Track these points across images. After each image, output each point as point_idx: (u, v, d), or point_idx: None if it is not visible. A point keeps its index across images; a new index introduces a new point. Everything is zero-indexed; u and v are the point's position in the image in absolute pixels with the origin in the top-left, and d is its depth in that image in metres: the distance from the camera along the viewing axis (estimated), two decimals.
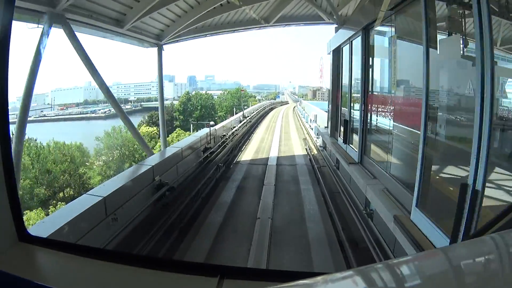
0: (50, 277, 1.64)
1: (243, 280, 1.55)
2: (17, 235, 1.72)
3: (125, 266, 1.64)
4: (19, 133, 7.50)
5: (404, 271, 0.91)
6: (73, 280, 1.59)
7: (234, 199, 9.26)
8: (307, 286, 0.86)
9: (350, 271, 1.22)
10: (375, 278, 0.86)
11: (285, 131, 25.74)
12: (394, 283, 0.85)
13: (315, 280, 0.90)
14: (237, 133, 18.07)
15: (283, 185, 10.57)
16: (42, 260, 1.75)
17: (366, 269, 0.92)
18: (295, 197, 9.46)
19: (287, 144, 19.19)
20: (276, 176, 11.60)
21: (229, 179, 11.30)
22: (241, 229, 7.23)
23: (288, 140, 20.51)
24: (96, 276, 1.61)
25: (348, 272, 1.05)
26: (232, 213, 8.23)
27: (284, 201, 9.05)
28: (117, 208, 5.59)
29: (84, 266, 1.65)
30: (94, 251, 1.86)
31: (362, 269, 0.92)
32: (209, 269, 1.61)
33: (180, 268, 1.63)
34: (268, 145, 18.42)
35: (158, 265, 1.64)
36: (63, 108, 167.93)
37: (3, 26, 1.61)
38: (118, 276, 1.61)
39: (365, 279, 0.87)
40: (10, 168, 1.70)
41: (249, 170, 12.63)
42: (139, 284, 1.55)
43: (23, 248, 1.70)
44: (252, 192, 9.88)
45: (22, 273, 1.45)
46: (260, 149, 17.35)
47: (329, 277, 0.90)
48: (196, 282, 1.50)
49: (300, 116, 38.04)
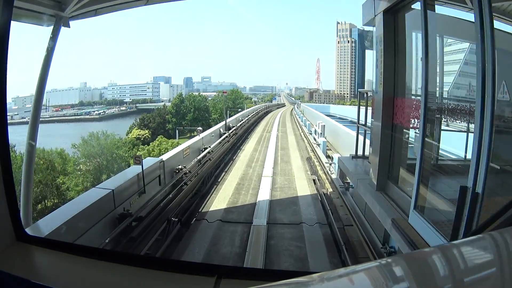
0: (48, 276, 1.64)
1: (240, 279, 1.56)
2: (15, 235, 1.74)
3: (123, 266, 1.66)
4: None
5: (401, 269, 0.91)
6: (71, 279, 1.60)
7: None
8: (303, 283, 0.87)
9: (346, 268, 1.47)
10: (371, 275, 0.87)
11: (282, 145, 19.98)
12: (391, 280, 0.84)
13: (311, 278, 0.91)
14: (210, 158, 12.52)
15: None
16: (39, 260, 1.77)
17: (363, 266, 1.02)
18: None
19: (286, 170, 13.62)
20: (265, 257, 6.22)
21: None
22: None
23: (287, 163, 14.88)
24: (94, 275, 1.63)
25: (344, 270, 1.06)
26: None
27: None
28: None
29: (82, 265, 1.66)
30: (91, 251, 1.95)
31: (359, 267, 1.06)
32: (206, 269, 1.64)
33: (178, 268, 1.66)
34: (257, 173, 12.89)
35: (156, 265, 1.65)
36: (58, 109, 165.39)
37: (2, 27, 1.63)
38: (115, 276, 1.63)
39: (361, 277, 0.88)
40: (8, 169, 1.74)
41: (217, 239, 7.10)
42: (136, 284, 1.56)
43: (21, 248, 1.72)
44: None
45: (20, 273, 1.52)
46: (245, 181, 11.81)
47: (326, 275, 0.91)
48: (193, 281, 1.54)
49: (299, 122, 32.29)
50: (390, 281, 0.84)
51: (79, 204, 5.12)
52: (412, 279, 0.85)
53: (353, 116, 47.36)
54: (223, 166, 13.91)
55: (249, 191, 10.67)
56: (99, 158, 43.30)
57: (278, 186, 11.28)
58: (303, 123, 27.84)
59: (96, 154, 43.62)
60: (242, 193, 10.43)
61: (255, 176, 12.44)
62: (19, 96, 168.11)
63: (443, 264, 0.92)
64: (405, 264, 0.93)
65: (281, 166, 14.26)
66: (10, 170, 1.75)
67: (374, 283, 0.84)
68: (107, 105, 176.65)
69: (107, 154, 43.64)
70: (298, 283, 0.89)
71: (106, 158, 43.07)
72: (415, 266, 0.93)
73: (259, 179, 11.97)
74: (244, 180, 11.89)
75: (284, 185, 11.38)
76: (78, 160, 43.07)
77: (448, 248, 1.12)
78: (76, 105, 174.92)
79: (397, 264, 0.95)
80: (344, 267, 1.95)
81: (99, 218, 5.42)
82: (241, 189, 10.89)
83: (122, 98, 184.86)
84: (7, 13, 1.62)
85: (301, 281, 0.91)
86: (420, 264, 0.93)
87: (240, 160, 15.24)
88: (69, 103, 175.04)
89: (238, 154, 16.60)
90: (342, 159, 8.53)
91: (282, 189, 10.90)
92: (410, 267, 0.91)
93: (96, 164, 42.84)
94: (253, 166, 14.03)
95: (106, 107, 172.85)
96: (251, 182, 11.72)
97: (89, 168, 41.76)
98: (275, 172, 13.06)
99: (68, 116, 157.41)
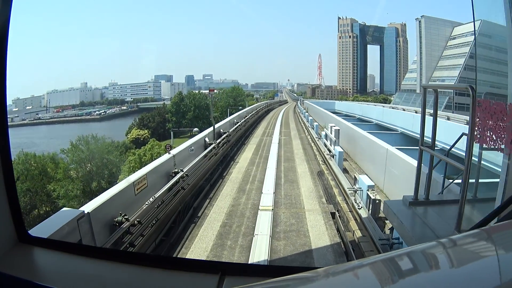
0: (52, 277, 1.60)
1: (244, 276, 1.52)
2: (17, 236, 1.72)
3: (127, 265, 1.63)
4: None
5: (406, 263, 0.89)
6: (75, 280, 1.56)
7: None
8: (309, 279, 0.87)
9: (351, 263, 1.37)
10: (376, 269, 0.87)
11: (286, 155, 16.15)
12: (396, 274, 0.84)
13: (316, 273, 0.91)
14: (182, 186, 8.83)
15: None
16: (42, 261, 1.73)
17: (368, 261, 1.02)
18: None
19: (292, 196, 10.00)
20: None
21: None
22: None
23: (293, 185, 11.18)
24: (98, 275, 1.59)
25: (349, 265, 1.10)
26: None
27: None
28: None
29: (85, 265, 1.64)
30: (95, 251, 1.96)
31: (364, 261, 1.05)
32: (210, 266, 1.58)
33: (182, 266, 1.64)
34: (253, 203, 9.31)
35: (159, 263, 1.63)
36: (59, 110, 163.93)
37: (1, 26, 1.60)
38: (120, 275, 1.59)
39: (366, 271, 0.88)
40: (9, 170, 1.71)
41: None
42: (141, 283, 1.51)
43: (23, 249, 1.70)
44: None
45: (23, 275, 1.47)
46: (234, 219, 8.24)
47: (331, 270, 0.92)
48: (197, 279, 1.50)
49: (304, 122, 28.44)
50: (396, 275, 0.83)
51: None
52: (418, 273, 0.83)
53: (360, 113, 43.81)
54: (206, 190, 10.38)
55: (238, 240, 7.14)
56: (89, 164, 40.00)
57: (281, 228, 7.68)
58: (309, 124, 24.01)
59: (86, 159, 40.38)
60: (227, 245, 6.90)
61: (250, 208, 8.88)
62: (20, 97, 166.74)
63: (449, 257, 0.91)
64: (410, 258, 0.91)
65: (286, 189, 10.63)
66: (11, 171, 1.73)
67: (379, 277, 0.83)
68: (108, 104, 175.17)
69: (97, 159, 40.26)
70: (303, 278, 0.88)
71: (96, 164, 39.64)
72: (421, 260, 0.92)
73: (254, 215, 8.41)
74: (233, 218, 8.33)
75: (290, 226, 7.79)
76: (68, 166, 39.84)
77: (454, 241, 1.06)
78: (77, 106, 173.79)
79: (402, 258, 0.93)
80: (349, 262, 1.91)
81: None
82: (227, 235, 7.35)
83: (123, 97, 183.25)
84: (5, 13, 1.60)
85: (306, 276, 0.90)
86: (426, 258, 0.92)
87: (231, 180, 11.61)
88: (70, 103, 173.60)
89: (229, 171, 12.95)
90: (391, 206, 4.94)
91: (287, 235, 7.33)
92: (416, 261, 0.90)
93: (86, 170, 39.57)
94: (248, 191, 10.40)
95: (107, 107, 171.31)
96: (243, 220, 8.16)
97: (78, 175, 38.55)
98: (277, 201, 9.45)
99: (69, 117, 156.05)
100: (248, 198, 9.74)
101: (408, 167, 8.38)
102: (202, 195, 9.88)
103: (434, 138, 4.61)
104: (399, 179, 9.17)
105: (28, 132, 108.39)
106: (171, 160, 8.88)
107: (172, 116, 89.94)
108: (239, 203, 9.31)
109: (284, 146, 18.83)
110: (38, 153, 44.52)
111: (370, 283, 0.81)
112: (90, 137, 42.32)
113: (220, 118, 62.31)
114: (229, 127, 18.70)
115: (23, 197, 33.46)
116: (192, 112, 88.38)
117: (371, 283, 0.81)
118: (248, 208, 8.93)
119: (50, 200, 36.52)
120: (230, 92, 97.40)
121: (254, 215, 8.42)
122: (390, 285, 0.80)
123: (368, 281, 0.82)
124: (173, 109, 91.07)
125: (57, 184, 35.90)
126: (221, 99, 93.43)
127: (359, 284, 0.82)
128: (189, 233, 7.58)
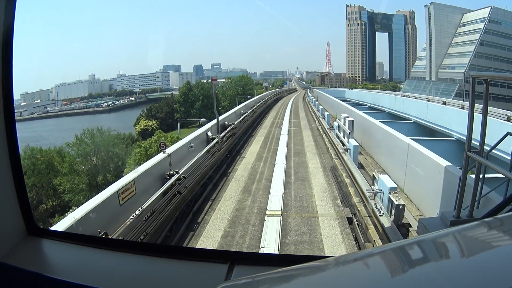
0: (61, 269, 1.56)
1: (253, 265, 1.50)
2: (26, 229, 1.70)
3: (137, 255, 1.62)
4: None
5: (417, 252, 0.88)
6: (85, 271, 1.52)
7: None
8: (319, 267, 0.86)
9: (362, 252, 1.42)
10: (386, 258, 0.85)
11: (296, 148, 14.92)
12: (406, 264, 0.82)
13: (326, 262, 0.90)
14: (179, 190, 7.68)
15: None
16: (51, 253, 1.70)
17: (378, 250, 1.00)
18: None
19: (303, 197, 8.86)
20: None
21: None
22: None
23: (304, 183, 9.99)
24: (106, 265, 1.56)
25: (360, 253, 1.12)
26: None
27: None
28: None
29: (94, 256, 1.62)
30: (103, 241, 2.08)
31: (374, 250, 1.01)
32: (219, 255, 1.58)
33: (192, 255, 1.62)
34: (259, 207, 8.25)
35: (170, 253, 1.62)
36: (67, 103, 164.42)
37: (6, 25, 1.58)
38: (129, 265, 1.57)
39: (377, 260, 0.86)
40: (18, 165, 1.69)
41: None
42: (152, 272, 1.48)
43: (33, 242, 1.68)
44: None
45: (33, 267, 1.44)
46: (237, 227, 7.20)
47: (341, 258, 0.92)
48: (207, 268, 1.47)
49: (314, 112, 27.03)
50: (406, 264, 0.82)
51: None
52: (429, 262, 0.82)
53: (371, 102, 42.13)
54: (208, 191, 9.37)
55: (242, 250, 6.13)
56: (95, 157, 39.47)
57: (291, 239, 6.62)
58: (320, 114, 22.71)
59: (91, 152, 39.83)
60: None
61: (255, 213, 7.84)
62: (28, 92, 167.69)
63: (460, 246, 0.88)
64: (421, 247, 0.89)
65: (296, 189, 9.54)
66: (19, 165, 1.69)
67: (389, 266, 0.82)
68: (117, 96, 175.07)
69: (102, 152, 39.69)
70: (313, 267, 0.88)
71: (102, 157, 39.08)
72: (431, 249, 0.89)
73: (261, 221, 7.38)
74: (236, 225, 7.31)
75: (301, 236, 6.72)
76: (74, 160, 39.38)
77: (465, 230, 1.02)
78: (85, 98, 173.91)
79: (412, 247, 0.91)
80: (360, 250, 1.94)
81: None
82: (229, 249, 6.34)
83: (132, 88, 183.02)
84: (10, 12, 1.57)
85: (316, 265, 0.90)
86: (437, 247, 0.89)
87: (236, 179, 10.56)
88: (78, 96, 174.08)
89: (235, 167, 11.90)
90: (428, 226, 3.86)
91: (297, 248, 6.26)
92: (426, 250, 0.87)
93: (92, 164, 39.06)
94: (254, 191, 9.35)
95: (116, 98, 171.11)
96: (247, 228, 7.13)
97: (84, 169, 38.06)
98: (287, 204, 8.37)
99: (77, 109, 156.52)
100: (254, 200, 8.69)
101: (436, 167, 7.23)
102: (203, 198, 8.88)
103: (482, 143, 3.47)
104: (425, 180, 8.01)
105: (36, 126, 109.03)
106: (166, 160, 7.85)
107: (181, 106, 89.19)
108: (244, 207, 8.26)
109: (294, 138, 17.65)
110: (45, 147, 44.42)
111: (381, 272, 0.79)
112: (95, 130, 41.65)
113: (228, 107, 61.18)
114: (235, 119, 17.57)
115: (29, 192, 33.17)
116: (201, 102, 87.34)
117: (382, 272, 0.79)
118: (254, 213, 7.88)
119: (56, 195, 36.29)
120: (238, 80, 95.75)
121: (260, 222, 7.38)
122: (400, 274, 0.78)
123: (379, 269, 0.81)
124: (181, 99, 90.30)
125: (63, 178, 35.41)
126: (229, 88, 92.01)
127: (370, 272, 0.80)
128: (186, 244, 6.61)
